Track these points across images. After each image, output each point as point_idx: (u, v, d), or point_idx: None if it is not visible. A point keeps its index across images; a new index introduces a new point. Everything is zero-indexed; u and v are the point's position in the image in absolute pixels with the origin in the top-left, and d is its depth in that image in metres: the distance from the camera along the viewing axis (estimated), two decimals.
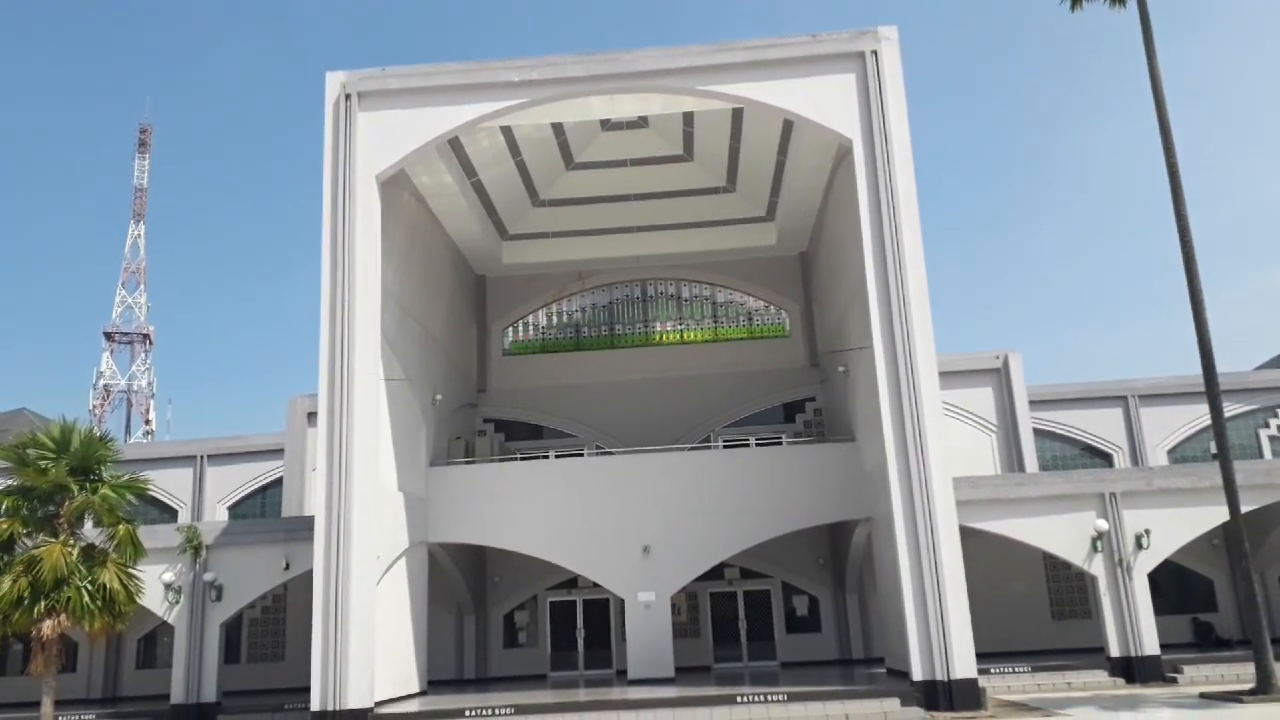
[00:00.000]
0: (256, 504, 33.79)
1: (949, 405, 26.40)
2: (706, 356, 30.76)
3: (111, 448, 21.65)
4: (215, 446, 34.34)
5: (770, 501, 23.81)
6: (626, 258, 30.59)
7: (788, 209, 28.25)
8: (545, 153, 27.66)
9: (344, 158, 21.41)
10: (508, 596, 28.34)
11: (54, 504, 20.54)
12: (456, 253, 29.16)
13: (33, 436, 20.96)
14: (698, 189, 29.40)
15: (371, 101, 21.76)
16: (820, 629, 27.85)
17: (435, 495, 24.21)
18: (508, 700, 19.83)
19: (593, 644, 27.47)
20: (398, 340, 22.68)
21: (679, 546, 23.61)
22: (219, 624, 23.88)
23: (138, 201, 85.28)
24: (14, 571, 19.26)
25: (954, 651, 18.70)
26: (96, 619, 19.78)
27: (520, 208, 29.44)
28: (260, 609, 28.92)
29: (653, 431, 28.15)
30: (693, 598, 27.74)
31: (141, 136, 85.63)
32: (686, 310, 31.47)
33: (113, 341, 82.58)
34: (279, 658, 29.04)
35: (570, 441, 29.45)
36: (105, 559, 20.35)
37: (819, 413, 29.79)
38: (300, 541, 22.50)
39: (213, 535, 24.49)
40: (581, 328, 31.59)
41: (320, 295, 20.90)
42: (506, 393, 30.80)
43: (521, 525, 24.09)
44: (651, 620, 23.15)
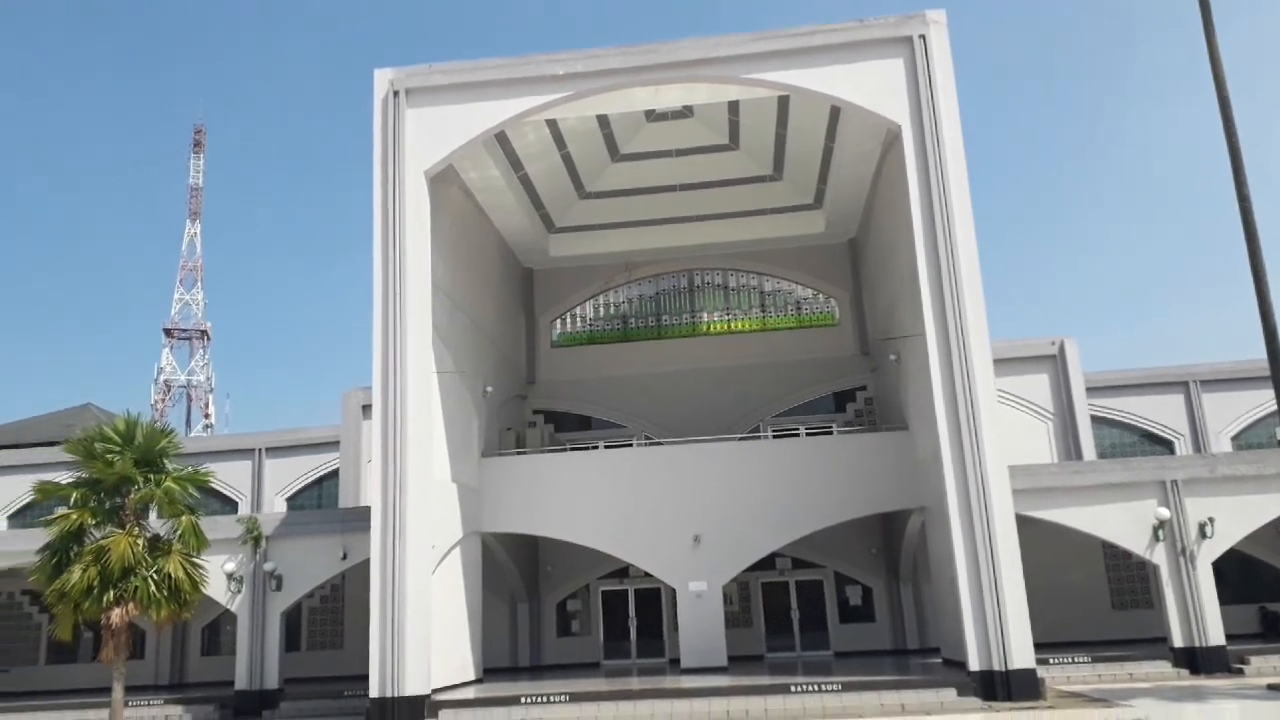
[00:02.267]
0: (314, 495, 34.45)
1: (1004, 393, 25.98)
2: (755, 346, 30.64)
3: (174, 441, 22.23)
4: (273, 439, 35.06)
5: (821, 491, 23.69)
6: (673, 248, 30.58)
7: (836, 196, 28.00)
8: (591, 145, 27.73)
9: (393, 154, 21.68)
10: (560, 585, 28.58)
11: (120, 496, 21.14)
12: (504, 246, 29.38)
13: (99, 430, 21.60)
14: (744, 177, 29.25)
15: (419, 98, 21.99)
16: (874, 619, 27.68)
17: (487, 486, 24.49)
18: (562, 688, 20.02)
19: (645, 633, 27.59)
20: (448, 333, 22.94)
21: (729, 536, 23.60)
22: (280, 613, 24.44)
23: (193, 200, 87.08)
24: (84, 561, 19.89)
25: (1011, 641, 18.46)
26: (163, 607, 20.35)
27: (567, 200, 29.57)
28: (319, 598, 29.52)
29: (701, 422, 28.13)
30: (744, 587, 27.72)
31: (196, 137, 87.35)
32: (734, 300, 31.35)
33: (172, 338, 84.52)
34: (338, 646, 29.64)
35: (619, 432, 29.56)
36: (170, 549, 20.92)
37: (870, 401, 29.54)
38: (357, 532, 22.92)
39: (272, 526, 25.05)
40: (629, 319, 31.65)
41: (372, 290, 21.21)
42: (555, 384, 31.00)
43: (572, 515, 24.28)
44: (703, 610, 23.19)
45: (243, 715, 23.48)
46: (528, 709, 19.17)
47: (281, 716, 23.10)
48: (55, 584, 20.06)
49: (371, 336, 21.05)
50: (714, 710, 18.63)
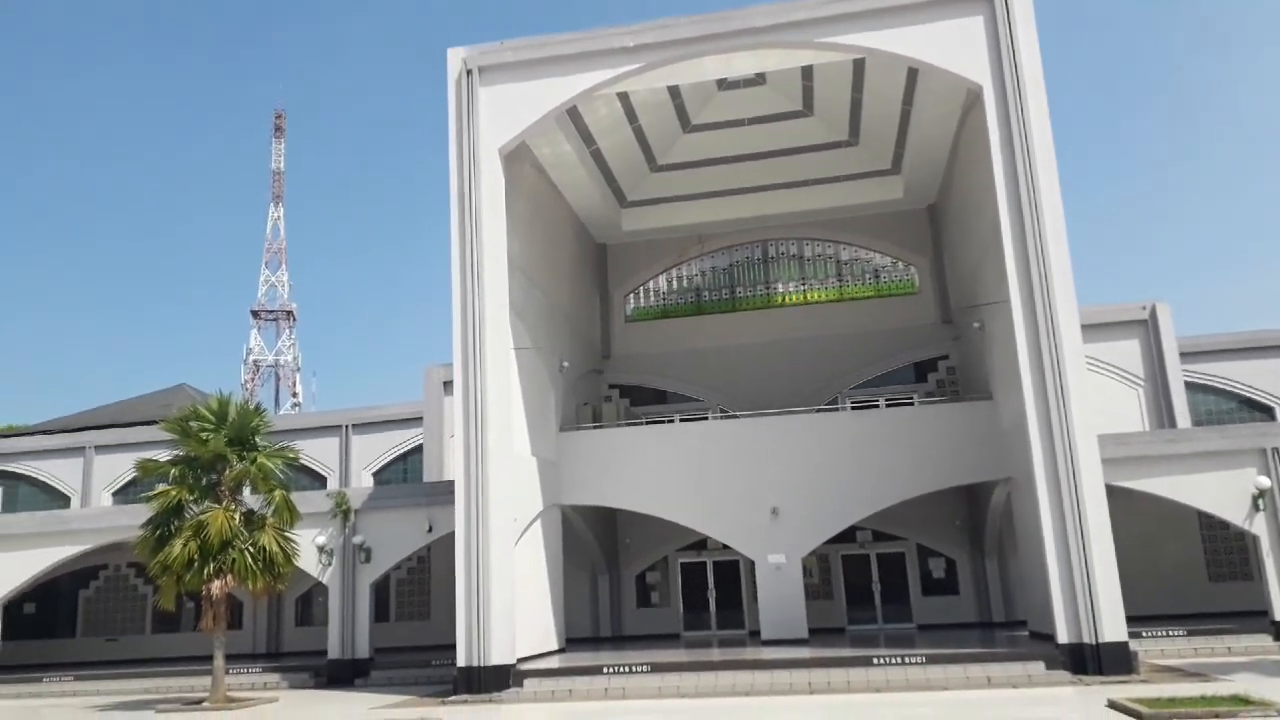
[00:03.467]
0: (399, 470, 35.33)
1: (1092, 359, 25.17)
2: (831, 316, 30.22)
3: (264, 419, 23.06)
4: (358, 416, 36.01)
5: (902, 463, 23.36)
6: (747, 219, 30.28)
7: (914, 160, 27.35)
8: (662, 116, 27.57)
9: (468, 133, 21.89)
10: (639, 557, 28.82)
11: (215, 472, 22.04)
12: (577, 222, 29.48)
13: (194, 410, 22.53)
14: (819, 144, 28.75)
15: (491, 76, 22.12)
16: (958, 591, 27.26)
17: (565, 459, 24.76)
18: (644, 658, 20.23)
19: (724, 604, 27.68)
20: (525, 310, 23.17)
21: (808, 509, 23.47)
22: (369, 584, 25.20)
23: (276, 184, 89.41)
24: (184, 535, 20.84)
25: (1102, 614, 17.99)
26: (258, 579, 21.22)
27: (638, 174, 29.49)
28: (406, 570, 30.35)
29: (777, 394, 27.91)
30: (824, 560, 27.56)
31: (277, 122, 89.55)
32: (810, 270, 30.93)
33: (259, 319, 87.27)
34: (425, 616, 30.47)
35: (694, 405, 29.55)
36: (264, 523, 21.75)
37: (952, 371, 28.93)
38: (441, 505, 23.44)
39: (360, 500, 25.79)
40: (702, 291, 31.50)
41: (450, 268, 21.53)
42: (630, 359, 31.09)
43: (649, 488, 24.41)
44: (783, 582, 23.15)
45: (336, 683, 24.33)
46: (610, 678, 19.44)
47: (373, 685, 23.85)
48: (158, 557, 21.08)
49: (451, 314, 21.40)
50: (795, 682, 18.61)
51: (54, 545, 27.44)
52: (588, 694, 19.18)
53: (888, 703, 16.95)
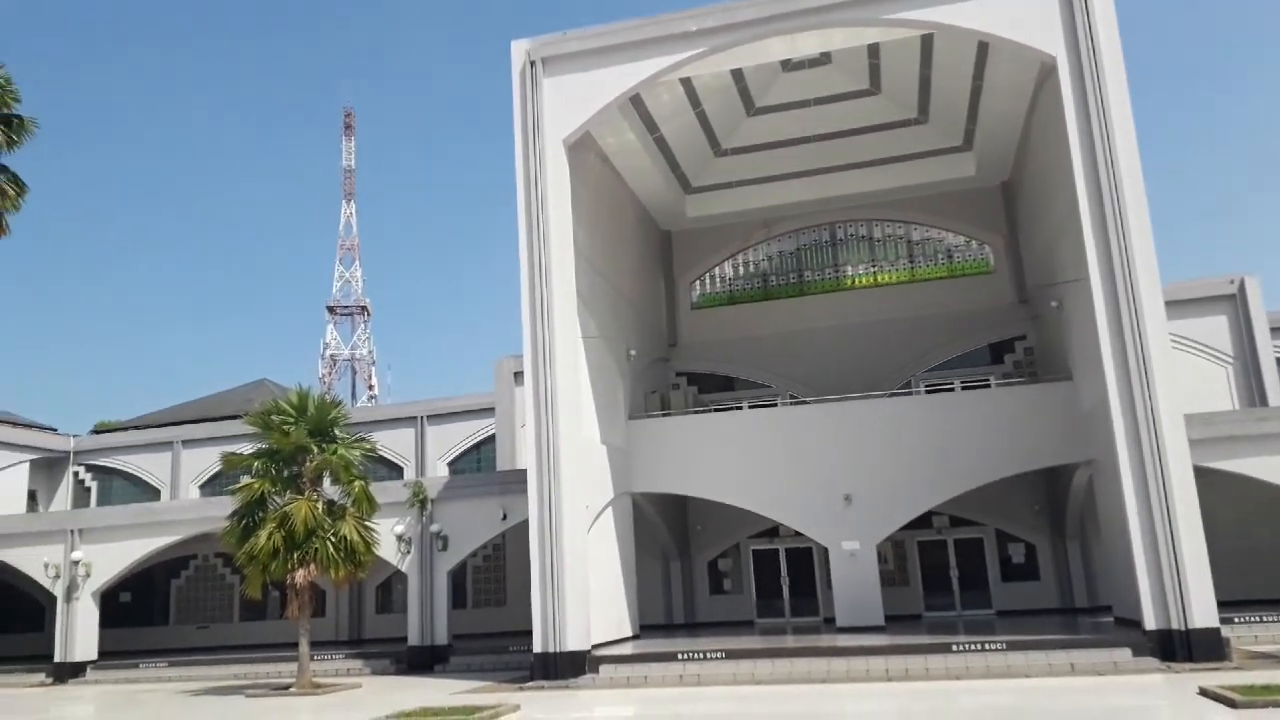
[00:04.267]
0: (472, 459, 35.90)
1: (1177, 337, 24.26)
2: (903, 298, 29.66)
3: (343, 411, 23.64)
4: (432, 407, 36.68)
5: (979, 447, 22.87)
6: (814, 201, 29.88)
7: (986, 136, 26.66)
8: (725, 100, 27.35)
9: (532, 124, 22.02)
10: (711, 544, 28.79)
11: (296, 464, 22.66)
12: (642, 210, 29.46)
13: (275, 404, 23.18)
14: (887, 123, 28.19)
15: (555, 66, 22.20)
16: (1039, 577, 26.63)
17: (635, 447, 24.84)
18: (718, 645, 20.24)
19: (798, 591, 27.50)
20: (591, 299, 23.25)
21: (882, 495, 23.15)
22: (446, 572, 25.69)
23: (347, 182, 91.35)
24: (269, 526, 21.49)
25: (1191, 599, 17.41)
26: (340, 568, 21.80)
27: (702, 159, 29.32)
28: (482, 557, 30.85)
29: (848, 379, 27.54)
30: (899, 546, 27.18)
31: (346, 120, 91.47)
32: (880, 251, 30.39)
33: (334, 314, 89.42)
34: (501, 603, 30.95)
35: (763, 392, 29.32)
36: (344, 513, 22.32)
37: (1030, 351, 28.18)
38: (515, 494, 23.74)
39: (436, 490, 26.28)
40: (769, 276, 31.21)
41: (519, 260, 21.73)
42: (697, 346, 30.98)
43: (719, 475, 24.33)
44: (858, 568, 22.90)
45: (416, 669, 24.88)
46: (685, 665, 19.49)
47: (451, 671, 24.32)
48: (244, 547, 21.78)
49: (520, 305, 21.60)
50: (872, 669, 18.42)
51: (146, 537, 28.60)
52: (663, 680, 19.26)
53: (967, 690, 16.67)
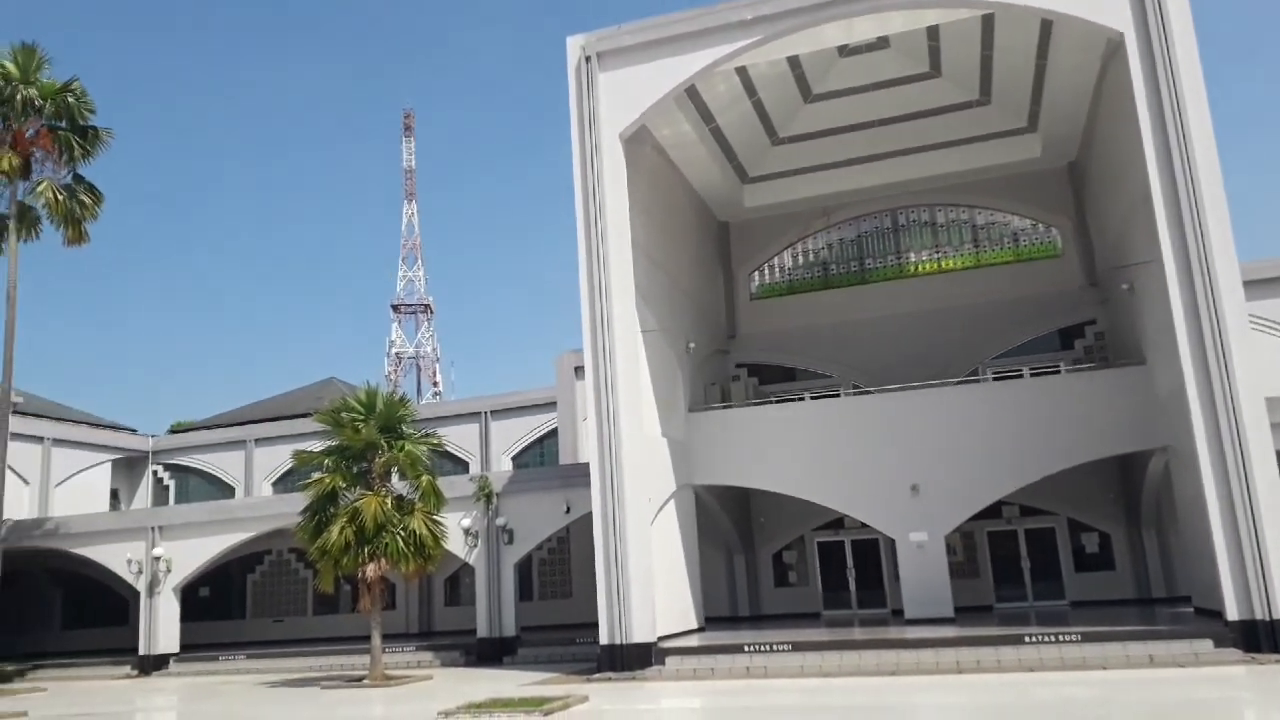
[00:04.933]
0: (535, 454, 36.25)
1: (1256, 318, 23.37)
2: (968, 284, 29.09)
3: (410, 408, 24.05)
4: (496, 403, 37.12)
5: (1049, 435, 22.37)
6: (874, 187, 29.45)
7: (1052, 117, 26.00)
8: (782, 88, 27.10)
9: (589, 120, 22.11)
10: (775, 537, 28.65)
11: (365, 461, 23.12)
12: (699, 201, 29.36)
13: (344, 402, 23.68)
14: (949, 106, 27.66)
15: (610, 61, 22.23)
16: (1114, 566, 25.98)
17: (696, 440, 24.80)
18: (784, 637, 20.15)
19: (864, 583, 27.23)
20: (650, 293, 23.27)
21: (950, 485, 22.78)
22: (512, 564, 26.02)
23: (408, 182, 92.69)
24: (340, 521, 21.97)
25: (1276, 588, 16.88)
26: (410, 562, 22.20)
27: (759, 148, 29.10)
28: (547, 550, 31.14)
29: (912, 367, 27.11)
30: (968, 537, 26.72)
31: (405, 121, 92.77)
32: (943, 237, 29.84)
33: (399, 313, 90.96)
34: (567, 595, 31.21)
35: (825, 382, 29.05)
36: (413, 508, 22.71)
37: (1101, 336, 27.45)
38: (577, 487, 23.90)
39: (501, 484, 26.61)
40: (830, 265, 30.87)
41: (577, 256, 21.84)
42: (757, 337, 30.78)
43: (781, 467, 24.18)
44: (926, 560, 22.58)
45: (485, 661, 25.26)
46: (751, 657, 19.46)
47: (520, 662, 24.63)
48: (317, 542, 22.30)
49: (579, 300, 21.72)
50: (942, 661, 18.18)
51: (223, 533, 29.46)
52: (729, 672, 19.25)
53: (1041, 682, 16.35)
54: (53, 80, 27.53)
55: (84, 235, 28.40)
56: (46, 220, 28.17)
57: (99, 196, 28.74)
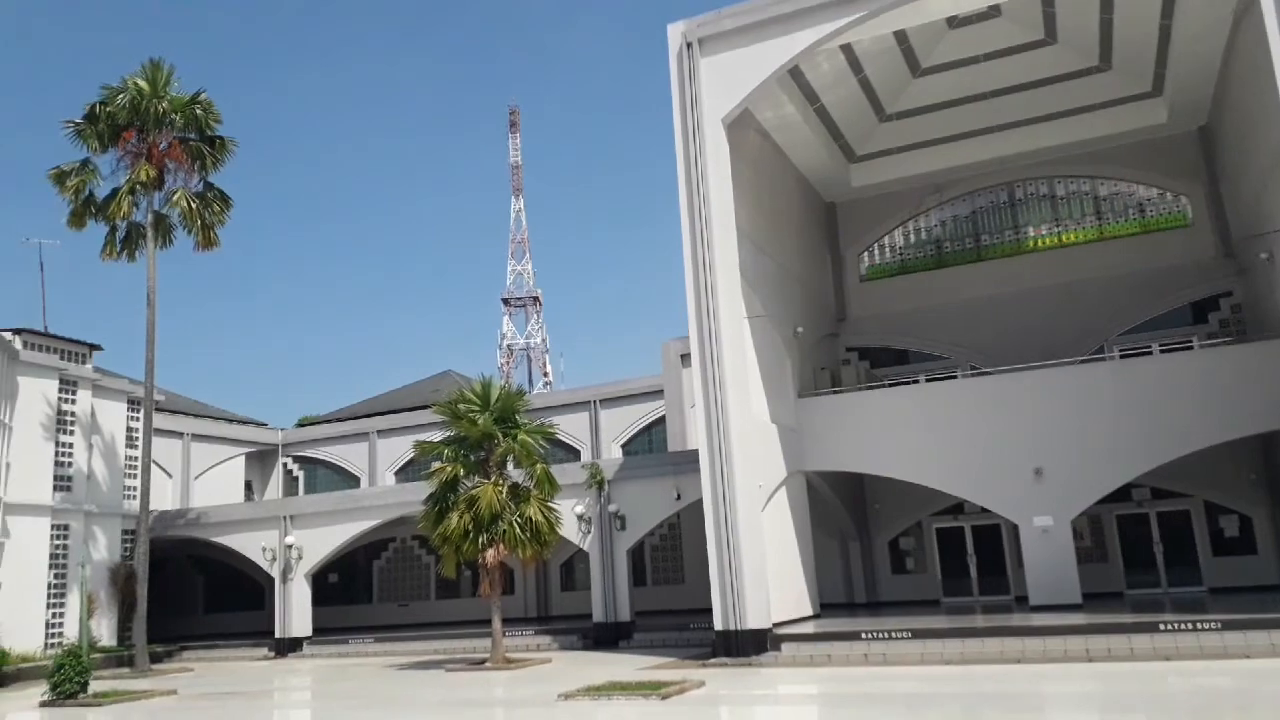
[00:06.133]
0: (644, 441, 36.53)
1: None
2: (1091, 258, 27.87)
3: (524, 399, 24.57)
4: (604, 392, 37.56)
5: (1182, 413, 21.30)
6: (988, 161, 28.48)
7: (1179, 79, 24.62)
8: (888, 64, 26.45)
9: (691, 106, 22.05)
10: (891, 523, 28.13)
11: (483, 450, 23.75)
12: (804, 183, 28.97)
13: (461, 394, 24.38)
14: (1066, 73, 26.51)
15: (711, 46, 22.12)
16: (1256, 550, 24.55)
17: (806, 426, 24.54)
18: (903, 624, 19.80)
19: (986, 570, 26.48)
20: (755, 278, 23.09)
21: (1075, 468, 21.94)
22: (625, 550, 26.34)
23: (515, 178, 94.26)
24: (459, 509, 22.63)
25: None
26: (526, 548, 22.72)
27: (866, 126, 28.50)
28: (658, 536, 31.39)
29: (1033, 346, 26.17)
30: (1096, 521, 25.70)
31: (511, 117, 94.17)
32: (1063, 210, 28.64)
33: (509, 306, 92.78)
34: (679, 581, 31.41)
35: (940, 364, 28.31)
36: (528, 495, 23.21)
37: (1237, 309, 25.93)
38: (688, 474, 23.99)
39: (612, 471, 26.93)
40: (942, 243, 30.04)
41: (681, 243, 21.86)
42: (867, 319, 30.23)
43: (896, 451, 23.71)
44: (1051, 545, 21.82)
45: (601, 645, 25.66)
46: (869, 644, 19.18)
47: (635, 647, 24.91)
48: (438, 529, 23.03)
49: (684, 288, 21.75)
50: (1070, 648, 17.55)
51: (350, 521, 30.75)
52: (847, 659, 19.03)
53: (1178, 671, 15.64)
54: (181, 94, 29.05)
55: (215, 240, 29.94)
56: (180, 227, 29.81)
57: (228, 203, 30.25)
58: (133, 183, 28.40)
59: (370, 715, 17.04)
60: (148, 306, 28.39)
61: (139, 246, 29.40)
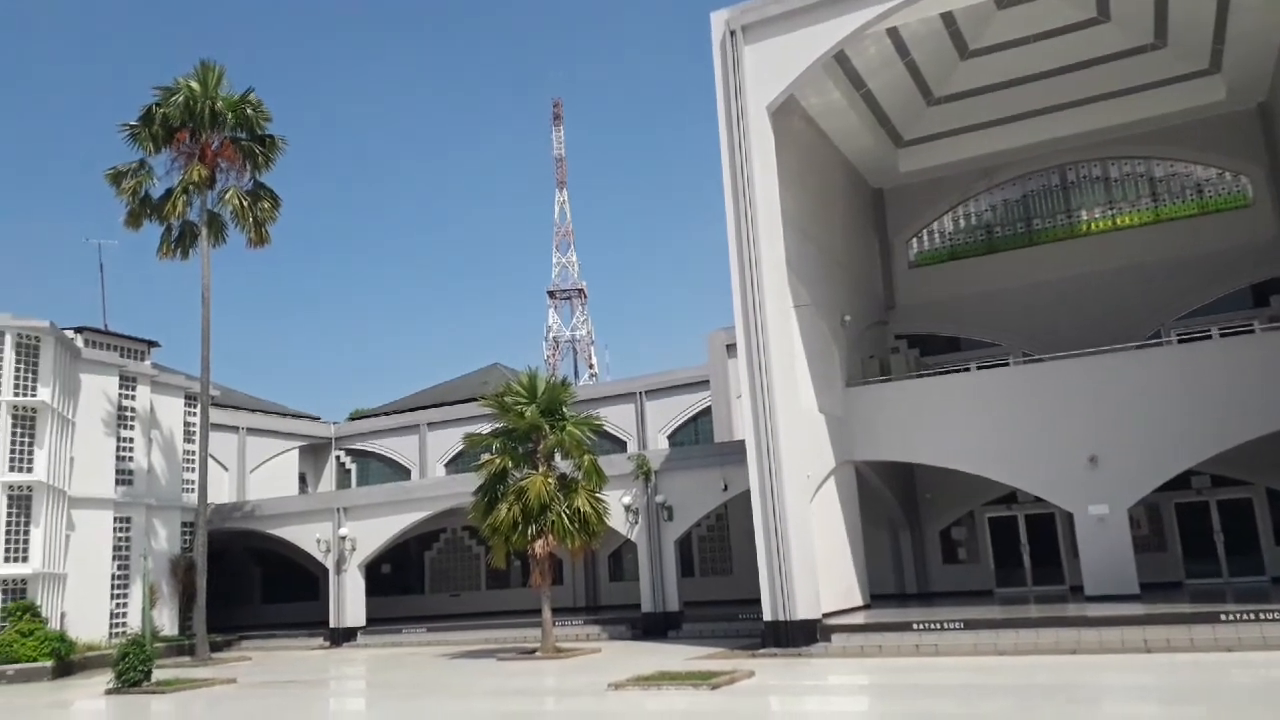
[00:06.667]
0: (690, 432, 36.51)
1: None
2: (1147, 241, 27.22)
3: (570, 391, 24.69)
4: (650, 383, 37.59)
5: (1243, 399, 20.74)
6: (1040, 143, 27.92)
7: (1237, 56, 23.92)
8: (936, 47, 26.04)
9: (735, 95, 21.92)
10: (942, 513, 27.81)
11: (530, 442, 23.89)
12: (850, 169, 28.65)
13: (508, 386, 24.54)
14: (1120, 52, 25.87)
15: (755, 33, 21.95)
16: None
17: (855, 415, 24.32)
18: (955, 615, 19.56)
19: (1040, 560, 26.08)
20: (801, 266, 22.91)
21: (1132, 455, 21.48)
22: (673, 541, 26.37)
23: (559, 170, 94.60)
24: (508, 500, 22.82)
25: None
26: (575, 538, 22.84)
27: (914, 111, 28.09)
28: (706, 527, 31.37)
29: (1086, 332, 25.65)
30: (1154, 509, 25.15)
31: (555, 110, 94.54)
32: (1118, 192, 27.99)
33: (554, 298, 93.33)
34: (727, 571, 31.38)
35: (991, 351, 27.86)
36: (576, 486, 23.32)
37: None
38: (734, 465, 23.93)
39: (658, 462, 26.96)
40: (993, 228, 29.54)
41: (726, 233, 21.75)
42: (917, 307, 29.84)
43: (947, 440, 23.40)
44: (1107, 534, 21.41)
45: (650, 635, 25.73)
46: (920, 635, 18.99)
47: (684, 637, 24.93)
48: (488, 520, 23.25)
49: (729, 278, 21.65)
50: (1128, 639, 17.20)
51: (401, 513, 31.18)
52: (898, 650, 18.86)
53: (1241, 663, 15.25)
54: (231, 94, 29.56)
55: (266, 237, 30.46)
56: (231, 225, 30.36)
57: (278, 201, 30.75)
58: (186, 182, 28.99)
59: (425, 704, 17.28)
60: (202, 304, 29.00)
61: (193, 245, 29.99)
